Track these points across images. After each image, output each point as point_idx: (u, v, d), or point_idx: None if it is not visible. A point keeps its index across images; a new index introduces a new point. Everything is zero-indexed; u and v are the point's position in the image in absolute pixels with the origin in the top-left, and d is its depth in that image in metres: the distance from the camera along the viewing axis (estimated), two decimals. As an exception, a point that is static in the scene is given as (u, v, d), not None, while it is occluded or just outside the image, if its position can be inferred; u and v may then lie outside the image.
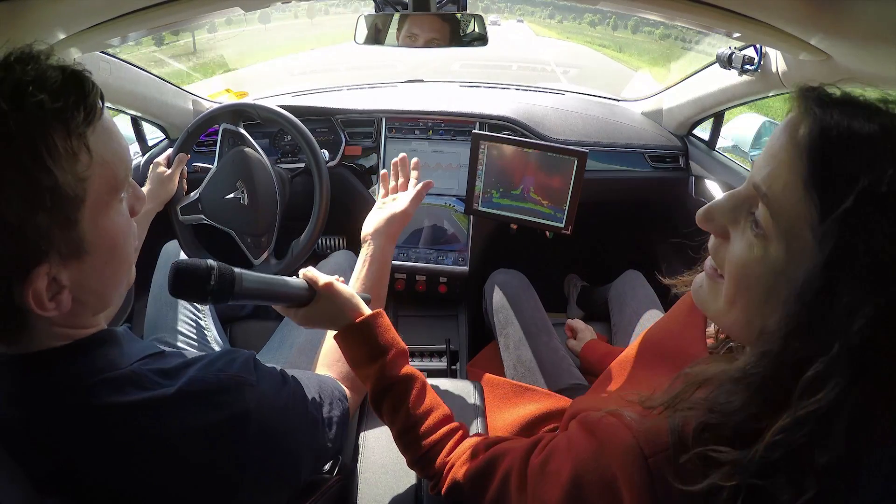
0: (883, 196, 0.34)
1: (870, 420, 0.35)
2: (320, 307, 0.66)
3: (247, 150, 1.18)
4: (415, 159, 0.98)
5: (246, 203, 1.15)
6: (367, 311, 0.68)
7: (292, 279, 0.66)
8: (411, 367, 0.67)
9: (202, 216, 1.17)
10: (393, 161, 0.98)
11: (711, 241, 0.47)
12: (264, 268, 1.16)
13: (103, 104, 0.44)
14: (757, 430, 0.38)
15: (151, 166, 1.15)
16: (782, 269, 0.39)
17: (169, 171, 1.14)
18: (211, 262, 0.55)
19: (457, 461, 0.60)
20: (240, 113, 1.22)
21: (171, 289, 0.54)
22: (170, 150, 1.19)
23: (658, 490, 0.42)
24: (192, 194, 1.19)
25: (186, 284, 0.54)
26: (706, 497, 0.40)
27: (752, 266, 0.41)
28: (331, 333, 0.95)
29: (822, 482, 0.36)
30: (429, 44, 1.15)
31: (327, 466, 0.72)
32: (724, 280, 0.45)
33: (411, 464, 0.64)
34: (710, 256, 0.48)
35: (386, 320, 0.68)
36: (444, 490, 0.61)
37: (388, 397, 0.64)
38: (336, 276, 0.70)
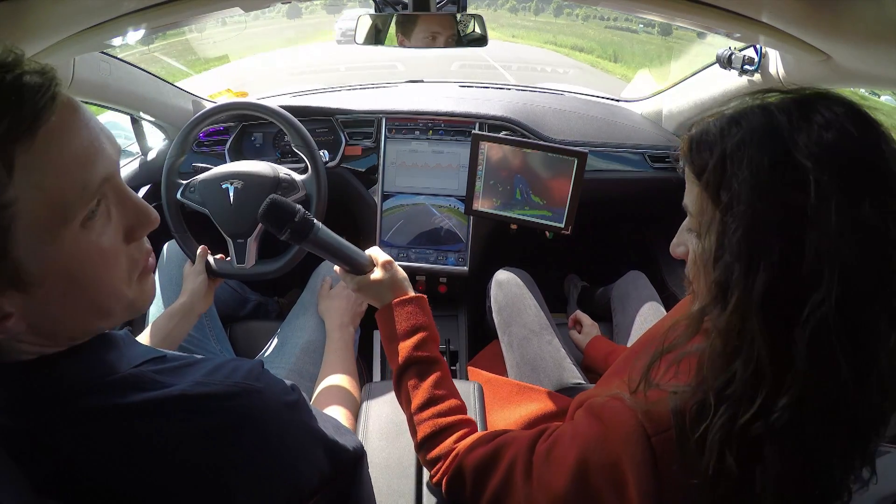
0: (730, 154, 0.45)
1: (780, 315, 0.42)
2: (375, 280, 0.73)
3: (196, 179, 1.15)
4: None
5: (241, 186, 1.12)
6: (412, 293, 0.75)
7: (357, 248, 0.75)
8: (440, 354, 0.71)
9: (248, 241, 1.12)
10: None
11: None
12: (272, 262, 1.16)
13: (53, 110, 0.37)
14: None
15: (185, 273, 1.13)
16: (710, 251, 0.47)
17: (195, 265, 1.11)
18: (300, 206, 0.67)
19: (462, 449, 0.61)
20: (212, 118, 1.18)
21: (262, 215, 0.66)
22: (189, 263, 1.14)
23: (661, 468, 0.44)
24: (225, 256, 1.15)
25: (275, 214, 0.66)
26: (708, 473, 0.43)
27: (696, 260, 0.50)
28: (331, 341, 1.01)
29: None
30: (448, 42, 1.15)
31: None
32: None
33: (419, 445, 0.66)
34: None
35: (428, 307, 0.74)
36: (446, 478, 0.61)
37: (413, 372, 0.68)
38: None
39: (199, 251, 1.12)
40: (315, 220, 0.69)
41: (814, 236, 0.40)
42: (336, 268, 0.77)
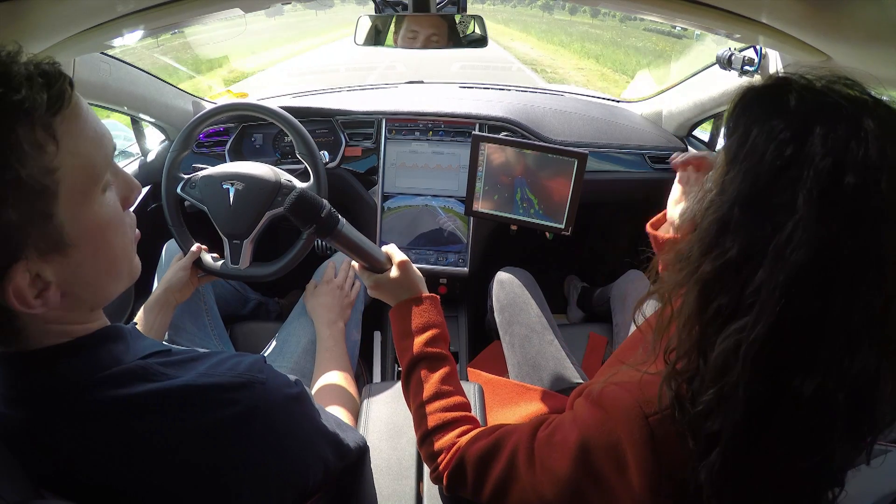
0: (749, 135, 0.42)
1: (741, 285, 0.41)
2: (393, 278, 0.75)
3: (198, 175, 1.15)
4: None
5: (242, 188, 1.12)
6: (427, 292, 0.76)
7: (376, 247, 0.77)
8: (450, 353, 0.73)
9: (244, 243, 1.12)
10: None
11: None
12: (268, 265, 1.16)
13: (72, 92, 0.42)
14: None
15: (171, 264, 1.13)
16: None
17: (183, 260, 1.11)
18: (327, 202, 0.68)
19: (464, 443, 0.62)
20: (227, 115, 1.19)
21: (290, 207, 0.66)
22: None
23: (659, 447, 0.46)
24: (217, 256, 1.15)
25: (302, 208, 0.66)
26: (703, 452, 0.43)
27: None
28: (322, 340, 1.02)
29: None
30: (428, 43, 1.15)
31: None
32: None
33: (421, 438, 0.67)
34: None
35: (440, 306, 0.75)
36: (447, 472, 0.62)
37: (423, 366, 0.69)
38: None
39: (192, 248, 1.13)
40: (340, 217, 0.70)
41: (764, 273, 0.39)
42: (354, 264, 0.78)
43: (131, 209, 0.51)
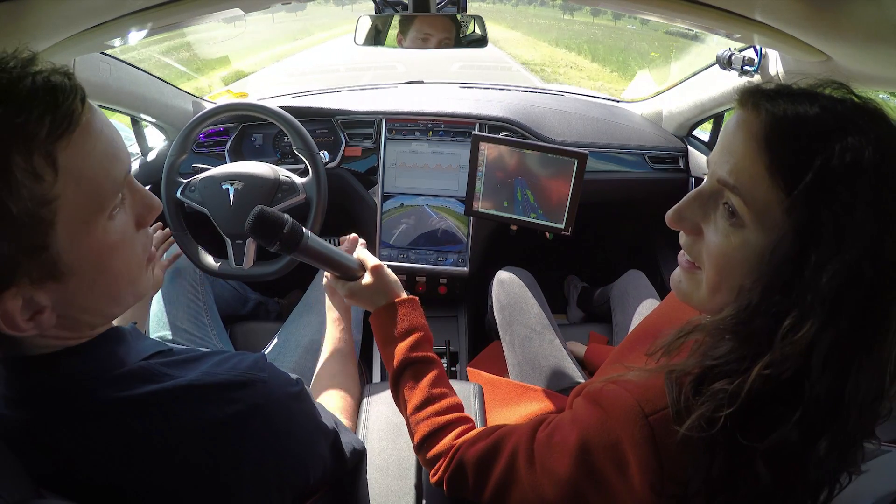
0: (835, 168, 0.40)
1: (844, 355, 0.40)
2: (366, 284, 0.73)
3: (197, 177, 1.15)
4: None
5: (241, 187, 1.12)
6: (404, 295, 0.74)
7: (346, 254, 0.73)
8: (435, 354, 0.71)
9: (246, 242, 1.12)
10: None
11: (683, 237, 0.51)
12: (269, 264, 1.16)
13: (84, 108, 0.39)
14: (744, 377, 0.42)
15: None
16: (761, 249, 0.43)
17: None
18: (287, 216, 0.65)
19: (462, 445, 0.62)
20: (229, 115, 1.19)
21: (250, 227, 0.63)
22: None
23: (660, 446, 0.45)
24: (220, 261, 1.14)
25: (263, 226, 0.63)
26: (704, 450, 0.43)
27: (733, 253, 0.45)
28: (329, 341, 0.97)
29: (807, 408, 0.41)
30: (441, 44, 1.15)
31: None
32: (705, 271, 0.49)
33: (418, 445, 0.66)
34: (682, 251, 0.52)
35: (419, 308, 0.73)
36: (447, 475, 0.62)
37: (409, 373, 0.68)
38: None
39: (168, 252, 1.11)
40: (304, 229, 0.67)
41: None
42: (326, 275, 0.76)
43: (149, 228, 0.49)
